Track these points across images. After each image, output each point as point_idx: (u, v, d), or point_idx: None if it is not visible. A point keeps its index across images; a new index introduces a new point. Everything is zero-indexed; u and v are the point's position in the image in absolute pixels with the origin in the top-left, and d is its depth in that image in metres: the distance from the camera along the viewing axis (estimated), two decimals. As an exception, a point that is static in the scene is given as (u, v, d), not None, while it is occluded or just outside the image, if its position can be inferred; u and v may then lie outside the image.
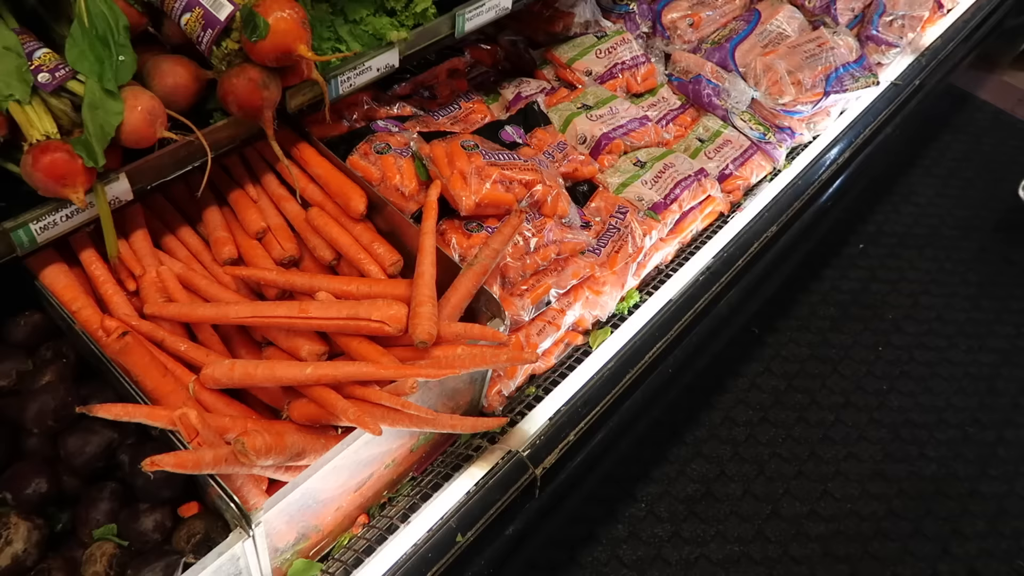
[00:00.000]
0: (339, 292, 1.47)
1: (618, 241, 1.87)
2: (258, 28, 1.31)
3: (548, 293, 1.67)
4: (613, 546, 2.34)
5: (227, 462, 1.19)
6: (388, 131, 1.81)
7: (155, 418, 1.21)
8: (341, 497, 1.43)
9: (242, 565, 1.26)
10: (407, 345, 1.42)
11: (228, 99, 1.37)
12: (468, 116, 2.08)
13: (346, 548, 1.49)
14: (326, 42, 1.58)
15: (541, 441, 1.63)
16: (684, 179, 2.09)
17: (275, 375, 1.31)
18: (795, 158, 2.47)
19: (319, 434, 1.34)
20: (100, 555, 1.21)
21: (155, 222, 1.60)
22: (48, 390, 1.25)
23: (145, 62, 1.36)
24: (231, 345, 1.49)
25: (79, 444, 1.25)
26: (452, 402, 1.58)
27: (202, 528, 1.24)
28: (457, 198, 1.63)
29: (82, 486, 1.28)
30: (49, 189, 1.20)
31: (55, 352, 1.38)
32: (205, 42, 1.36)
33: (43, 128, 1.22)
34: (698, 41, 2.64)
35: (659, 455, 2.58)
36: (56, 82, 1.24)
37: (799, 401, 2.80)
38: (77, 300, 1.39)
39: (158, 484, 1.24)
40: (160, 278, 1.46)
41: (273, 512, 1.24)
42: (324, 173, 1.65)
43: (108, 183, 1.29)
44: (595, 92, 2.27)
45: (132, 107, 1.26)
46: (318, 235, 1.61)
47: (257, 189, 1.69)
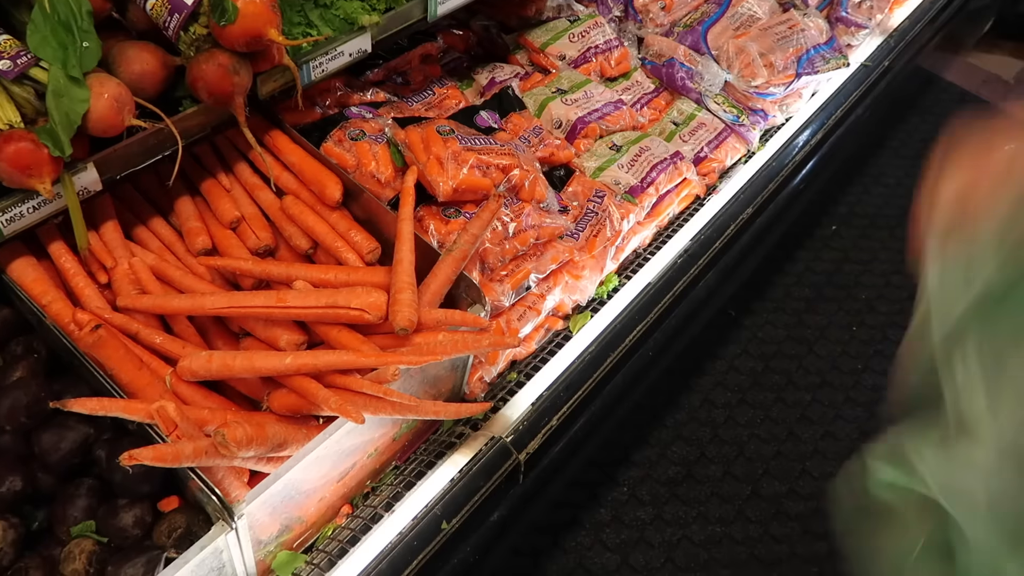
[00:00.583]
0: (317, 281, 1.45)
1: (596, 225, 1.86)
2: (227, 12, 1.29)
3: (528, 278, 1.66)
4: (596, 530, 2.35)
5: (207, 454, 1.17)
6: (362, 117, 1.79)
7: (132, 411, 1.19)
8: (324, 487, 1.42)
9: (225, 558, 1.24)
10: (387, 333, 1.41)
11: (198, 85, 1.34)
12: (442, 102, 2.06)
13: (330, 539, 1.48)
14: (296, 27, 1.55)
15: (524, 426, 1.63)
16: (660, 162, 2.10)
17: (254, 366, 1.29)
18: (768, 140, 2.48)
19: (300, 424, 1.32)
20: (79, 552, 1.18)
21: (125, 213, 1.57)
22: (20, 386, 1.22)
23: (110, 48, 1.33)
24: (207, 337, 1.46)
25: (54, 440, 1.23)
26: (434, 390, 1.57)
27: (183, 522, 1.22)
28: (434, 184, 1.61)
29: (58, 483, 1.26)
30: (14, 180, 1.17)
31: (25, 347, 1.34)
32: (172, 27, 1.33)
33: (5, 117, 1.19)
34: (670, 24, 2.64)
35: (640, 438, 2.59)
36: (18, 69, 1.21)
37: (776, 382, 2.83)
38: (47, 294, 1.35)
39: (136, 479, 1.21)
40: (133, 270, 1.43)
41: (256, 504, 1.22)
42: (298, 161, 1.63)
43: (76, 173, 1.26)
44: (569, 76, 2.26)
45: (98, 94, 1.23)
46: (293, 224, 1.58)
47: (230, 178, 1.66)
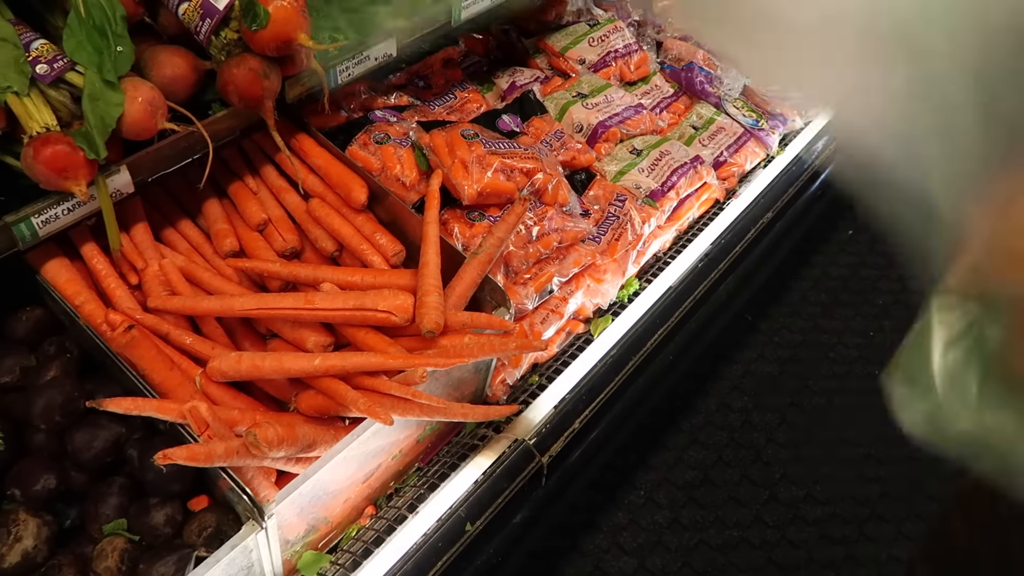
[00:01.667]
0: (343, 283, 1.46)
1: (618, 229, 1.87)
2: (258, 17, 1.30)
3: (551, 281, 1.67)
4: (614, 533, 2.36)
5: (238, 454, 1.18)
6: (386, 121, 1.80)
7: (165, 411, 1.20)
8: (350, 488, 1.43)
9: (254, 558, 1.26)
10: (413, 335, 1.42)
11: (228, 89, 1.36)
12: (464, 105, 2.08)
13: (355, 539, 1.49)
14: (323, 31, 1.56)
15: (547, 429, 1.63)
16: (680, 166, 2.10)
17: (283, 367, 1.31)
18: (788, 144, 2.48)
19: (328, 425, 1.33)
20: (111, 550, 1.20)
21: (155, 215, 1.59)
22: (54, 385, 1.24)
23: (142, 53, 1.35)
24: (235, 338, 1.48)
25: (87, 439, 1.24)
26: (457, 392, 1.58)
27: (213, 521, 1.24)
28: (459, 187, 1.62)
29: (90, 482, 1.27)
30: (51, 182, 1.19)
31: (58, 347, 1.36)
32: (203, 32, 1.35)
33: (42, 120, 1.21)
34: (689, 29, 2.65)
35: (657, 442, 2.59)
36: (55, 73, 1.23)
37: (793, 387, 2.82)
38: (80, 294, 1.37)
39: (168, 478, 1.23)
40: (163, 271, 1.45)
41: (284, 504, 1.24)
42: (324, 164, 1.64)
43: (109, 175, 1.28)
44: (589, 80, 2.27)
45: (132, 98, 1.25)
46: (319, 226, 1.60)
47: (256, 181, 1.67)
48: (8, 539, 1.16)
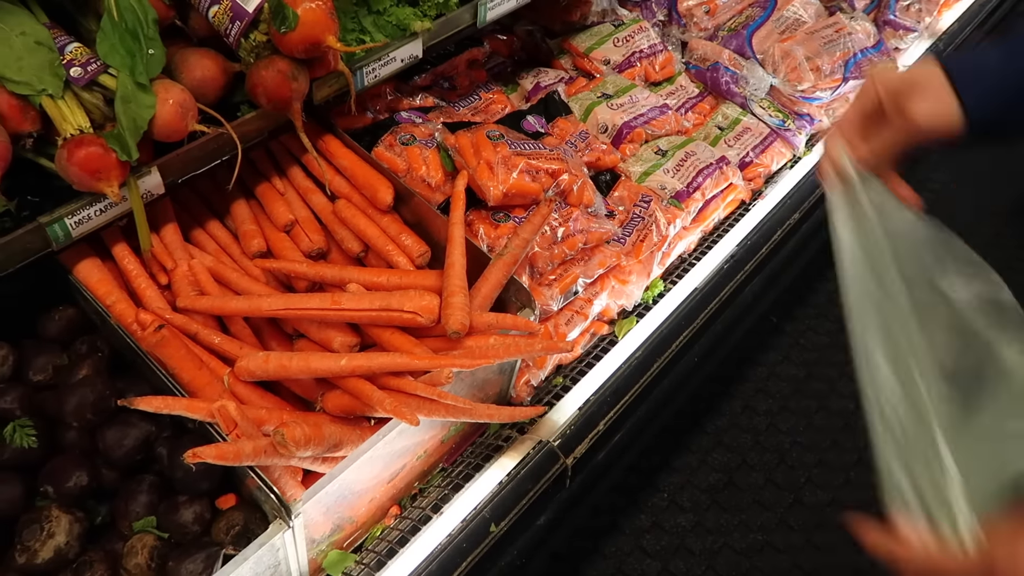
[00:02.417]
0: (369, 284, 1.47)
1: (643, 230, 1.86)
2: (287, 19, 1.31)
3: (576, 282, 1.67)
4: (636, 536, 2.35)
5: (266, 453, 1.19)
6: (412, 122, 1.81)
7: (194, 410, 1.21)
8: (375, 488, 1.43)
9: (281, 556, 1.27)
10: (438, 336, 1.42)
11: (257, 91, 1.37)
12: (488, 106, 2.08)
13: (379, 539, 1.50)
14: (350, 33, 1.57)
15: (571, 431, 1.63)
16: (706, 167, 2.09)
17: (310, 367, 1.32)
18: (815, 145, 2.46)
19: (354, 425, 1.34)
20: (141, 547, 1.21)
21: (183, 216, 1.60)
22: (86, 384, 1.26)
23: (173, 55, 1.36)
24: (262, 337, 1.49)
25: (118, 437, 1.26)
26: (482, 392, 1.58)
27: (241, 520, 1.25)
28: (484, 188, 1.62)
29: (120, 479, 1.29)
30: (84, 183, 1.20)
31: (90, 346, 1.38)
32: (233, 34, 1.36)
33: (76, 122, 1.22)
34: (714, 28, 2.63)
35: (680, 445, 2.58)
36: (88, 76, 1.24)
37: (819, 389, 2.79)
38: (111, 294, 1.39)
39: (197, 476, 1.24)
40: (192, 271, 1.46)
41: (311, 503, 1.24)
42: (350, 165, 1.65)
43: (140, 177, 1.29)
44: (614, 81, 2.26)
45: (163, 100, 1.26)
46: (345, 227, 1.61)
47: (283, 182, 1.69)
48: (41, 535, 1.18)
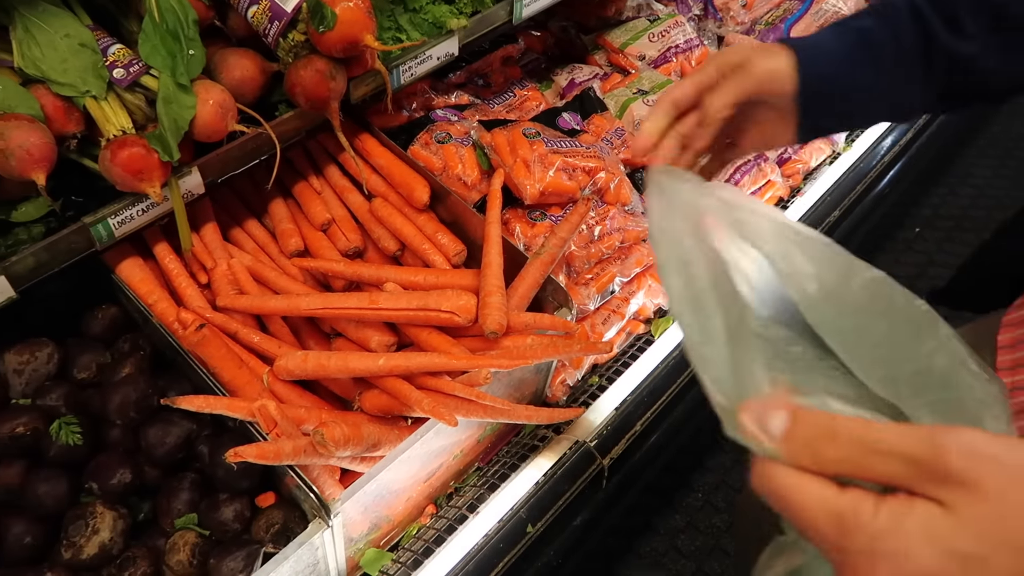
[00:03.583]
0: (406, 283, 1.47)
1: (679, 228, 1.83)
2: (326, 19, 1.31)
3: (613, 282, 1.65)
4: (671, 536, 2.33)
5: (306, 453, 1.20)
6: (448, 120, 1.80)
7: (235, 409, 1.22)
8: (412, 487, 1.43)
9: (320, 555, 1.27)
10: (475, 335, 1.42)
11: (295, 91, 1.37)
12: (523, 104, 2.06)
13: (416, 538, 1.50)
14: (387, 31, 1.57)
15: (608, 431, 1.62)
16: (744, 164, 2.05)
17: (348, 366, 1.32)
18: (855, 140, 2.41)
19: (392, 425, 1.34)
20: (183, 544, 1.22)
21: (222, 215, 1.62)
22: (129, 382, 1.27)
23: (212, 55, 1.37)
24: (300, 336, 1.50)
25: (160, 435, 1.27)
26: (518, 392, 1.58)
27: (280, 518, 1.25)
28: (521, 187, 1.61)
29: (162, 477, 1.30)
30: (127, 184, 1.21)
31: (132, 344, 1.39)
32: (272, 34, 1.36)
33: (119, 123, 1.24)
34: (751, 22, 2.59)
35: (714, 444, 2.55)
36: (131, 77, 1.25)
37: (857, 389, 2.74)
38: (153, 293, 1.41)
39: (237, 475, 1.25)
40: (231, 271, 1.47)
41: (350, 503, 1.25)
42: (386, 163, 1.65)
43: (181, 177, 1.30)
44: (650, 77, 2.23)
45: (204, 101, 1.27)
46: (382, 226, 1.61)
47: (320, 181, 1.69)
48: (86, 531, 1.19)
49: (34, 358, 1.35)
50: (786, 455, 0.46)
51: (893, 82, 0.93)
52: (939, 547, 0.40)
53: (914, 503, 0.42)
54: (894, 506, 0.42)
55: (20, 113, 1.14)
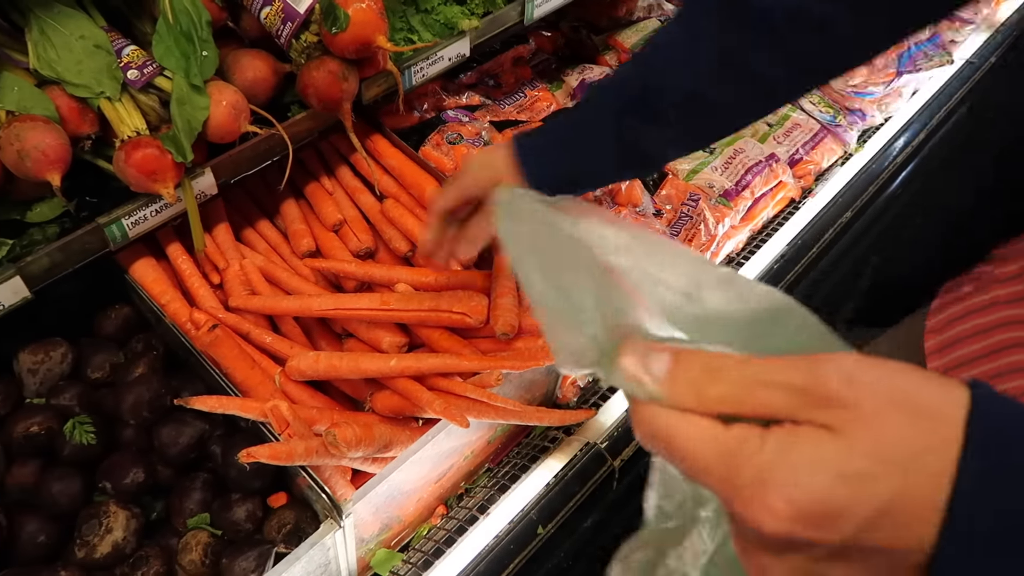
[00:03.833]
0: (418, 284, 1.47)
1: (691, 229, 1.83)
2: (339, 20, 1.31)
3: (624, 283, 1.64)
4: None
5: (318, 454, 1.20)
6: (459, 121, 1.80)
7: (247, 410, 1.23)
8: (422, 488, 1.43)
9: (331, 555, 1.27)
10: (486, 336, 1.42)
11: (308, 92, 1.37)
12: (534, 104, 2.06)
13: (426, 539, 1.50)
14: (398, 32, 1.57)
15: (619, 432, 1.61)
16: (755, 164, 2.05)
17: (360, 367, 1.32)
18: (867, 141, 2.39)
19: (403, 426, 1.34)
20: (195, 543, 1.23)
21: (234, 216, 1.62)
22: (143, 382, 1.28)
23: (225, 56, 1.37)
24: (311, 337, 1.50)
25: (173, 435, 1.28)
26: (528, 394, 1.57)
27: (292, 518, 1.26)
28: (532, 188, 1.61)
29: (175, 476, 1.31)
30: (141, 184, 1.22)
31: (145, 344, 1.40)
32: (284, 35, 1.37)
33: (133, 124, 1.24)
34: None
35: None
36: (145, 79, 1.26)
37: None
38: (166, 293, 1.41)
39: (250, 475, 1.25)
40: (244, 271, 1.48)
41: (361, 503, 1.25)
42: (398, 164, 1.65)
43: (195, 178, 1.31)
44: (661, 77, 2.22)
45: (217, 102, 1.27)
46: (393, 227, 1.61)
47: (332, 182, 1.69)
48: (99, 530, 1.20)
49: (48, 358, 1.35)
50: (669, 395, 0.45)
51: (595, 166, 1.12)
52: (828, 470, 0.40)
53: (799, 430, 0.42)
54: (780, 435, 0.42)
55: (35, 114, 1.15)
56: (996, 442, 0.39)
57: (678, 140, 1.09)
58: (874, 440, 0.40)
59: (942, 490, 0.39)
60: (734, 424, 0.44)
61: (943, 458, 0.39)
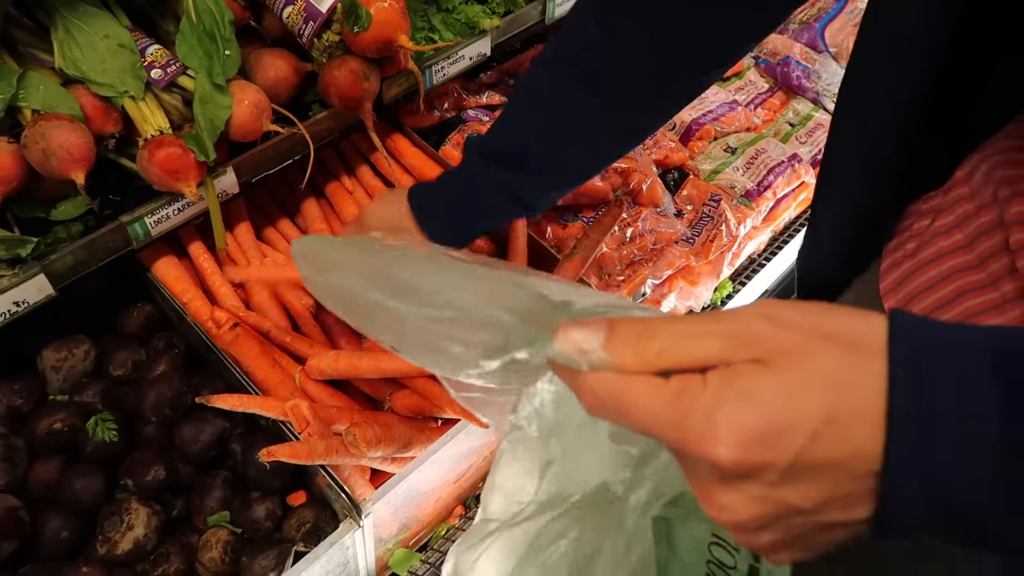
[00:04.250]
0: (437, 283, 1.46)
1: (712, 230, 1.82)
2: (361, 19, 1.31)
3: (644, 284, 1.63)
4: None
5: (338, 453, 1.20)
6: (479, 120, 1.80)
7: (268, 409, 1.23)
8: (441, 488, 1.43)
9: (350, 555, 1.27)
10: (506, 337, 1.41)
11: (329, 91, 1.37)
12: (553, 104, 2.05)
13: (444, 539, 1.50)
14: (420, 32, 1.57)
15: (638, 434, 1.60)
16: (777, 165, 2.03)
17: (380, 366, 1.32)
18: (891, 141, 2.36)
19: (422, 425, 1.34)
20: (216, 541, 1.23)
21: (255, 214, 1.63)
22: (164, 380, 1.28)
23: (247, 56, 1.38)
24: (331, 335, 1.50)
25: (193, 433, 1.28)
26: (548, 394, 1.57)
27: (311, 517, 1.26)
28: (553, 187, 1.60)
29: (195, 474, 1.31)
30: (163, 183, 1.22)
31: (167, 342, 1.41)
32: (306, 35, 1.37)
33: (156, 123, 1.25)
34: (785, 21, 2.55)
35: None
36: (168, 78, 1.27)
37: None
38: (187, 292, 1.42)
39: (269, 473, 1.25)
40: (264, 270, 1.48)
41: (380, 503, 1.25)
42: (418, 164, 1.65)
43: (217, 176, 1.31)
44: (682, 77, 2.21)
45: (239, 101, 1.28)
46: (413, 226, 1.60)
47: (352, 181, 1.69)
48: (121, 527, 1.20)
49: (71, 355, 1.36)
50: (612, 359, 0.47)
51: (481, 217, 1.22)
52: (768, 395, 0.43)
53: (735, 367, 0.45)
54: (718, 375, 0.45)
55: (61, 113, 1.15)
56: (922, 354, 0.42)
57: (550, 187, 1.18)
58: (805, 365, 0.43)
59: (878, 400, 0.42)
60: (674, 375, 0.46)
61: (873, 373, 0.42)
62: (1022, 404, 0.41)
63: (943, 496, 0.42)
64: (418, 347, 0.65)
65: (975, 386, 0.41)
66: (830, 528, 0.46)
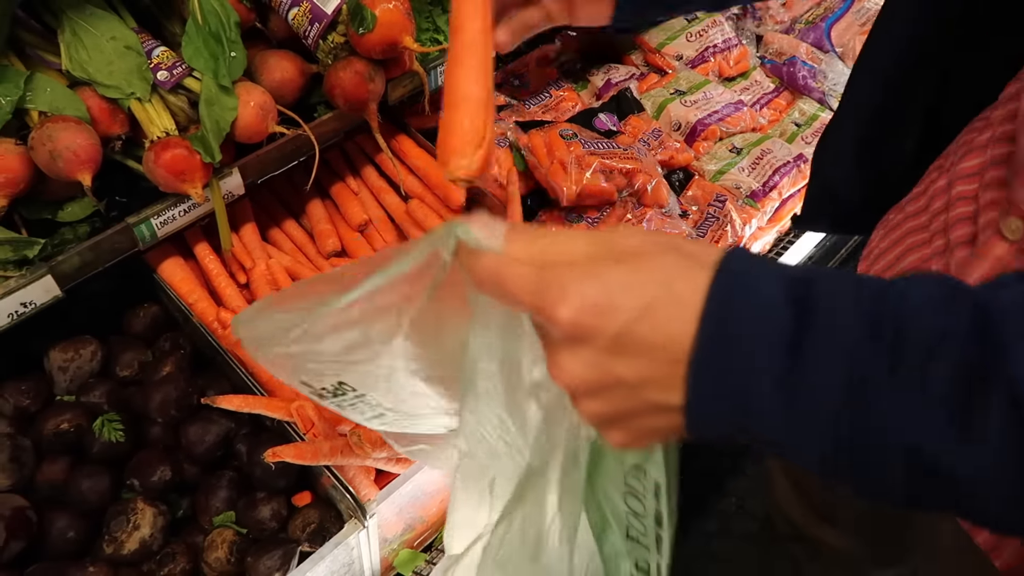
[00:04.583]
0: (442, 284, 1.47)
1: (717, 230, 1.81)
2: (366, 20, 1.31)
3: (649, 284, 1.63)
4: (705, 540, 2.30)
5: (343, 454, 1.20)
6: (484, 121, 1.80)
7: (273, 409, 1.23)
8: (446, 489, 1.43)
9: (355, 555, 1.28)
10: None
11: (335, 92, 1.38)
12: (559, 104, 2.05)
13: (449, 539, 1.50)
14: (425, 33, 1.57)
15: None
16: (783, 165, 2.02)
17: (384, 367, 1.32)
18: (897, 142, 2.35)
19: (427, 426, 1.34)
20: (221, 541, 1.24)
21: (261, 215, 1.63)
22: (170, 380, 1.29)
23: (253, 57, 1.38)
24: (336, 337, 1.50)
25: (200, 433, 1.29)
26: (552, 395, 1.57)
27: (316, 517, 1.26)
28: (558, 188, 1.60)
29: (201, 474, 1.32)
30: (169, 184, 1.23)
31: (173, 343, 1.41)
32: (312, 36, 1.37)
33: (162, 125, 1.25)
34: (791, 21, 2.55)
35: (749, 449, 2.52)
36: (174, 80, 1.27)
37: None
38: (193, 292, 1.42)
39: (275, 474, 1.26)
40: (270, 271, 1.49)
41: (385, 504, 1.25)
42: (423, 165, 1.65)
43: (222, 178, 1.31)
44: (687, 77, 2.21)
45: (245, 102, 1.28)
46: (419, 227, 1.61)
47: (357, 182, 1.70)
48: (127, 527, 1.21)
49: (78, 355, 1.37)
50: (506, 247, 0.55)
51: None
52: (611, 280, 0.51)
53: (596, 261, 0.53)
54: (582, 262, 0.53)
55: (67, 115, 1.16)
56: (737, 277, 0.50)
57: None
58: (650, 265, 0.52)
59: (696, 300, 0.50)
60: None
61: (699, 280, 0.50)
62: (808, 320, 0.48)
63: (738, 395, 0.49)
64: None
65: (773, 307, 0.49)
66: (653, 411, 0.53)
